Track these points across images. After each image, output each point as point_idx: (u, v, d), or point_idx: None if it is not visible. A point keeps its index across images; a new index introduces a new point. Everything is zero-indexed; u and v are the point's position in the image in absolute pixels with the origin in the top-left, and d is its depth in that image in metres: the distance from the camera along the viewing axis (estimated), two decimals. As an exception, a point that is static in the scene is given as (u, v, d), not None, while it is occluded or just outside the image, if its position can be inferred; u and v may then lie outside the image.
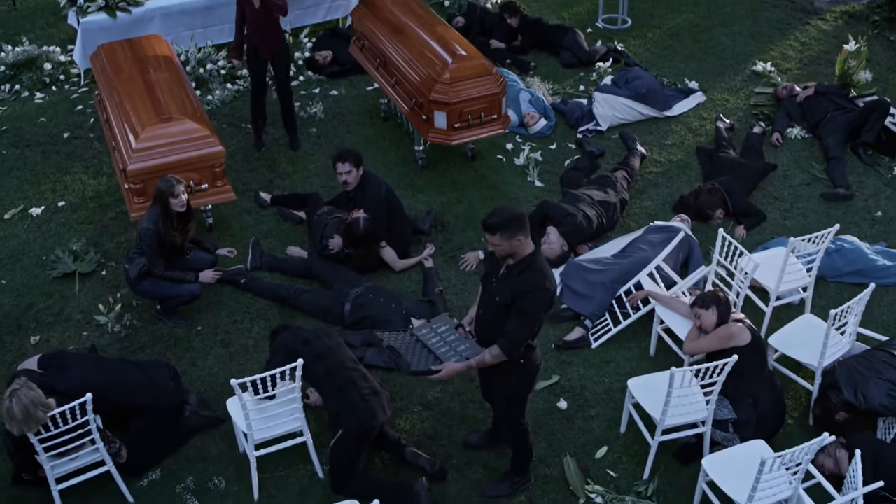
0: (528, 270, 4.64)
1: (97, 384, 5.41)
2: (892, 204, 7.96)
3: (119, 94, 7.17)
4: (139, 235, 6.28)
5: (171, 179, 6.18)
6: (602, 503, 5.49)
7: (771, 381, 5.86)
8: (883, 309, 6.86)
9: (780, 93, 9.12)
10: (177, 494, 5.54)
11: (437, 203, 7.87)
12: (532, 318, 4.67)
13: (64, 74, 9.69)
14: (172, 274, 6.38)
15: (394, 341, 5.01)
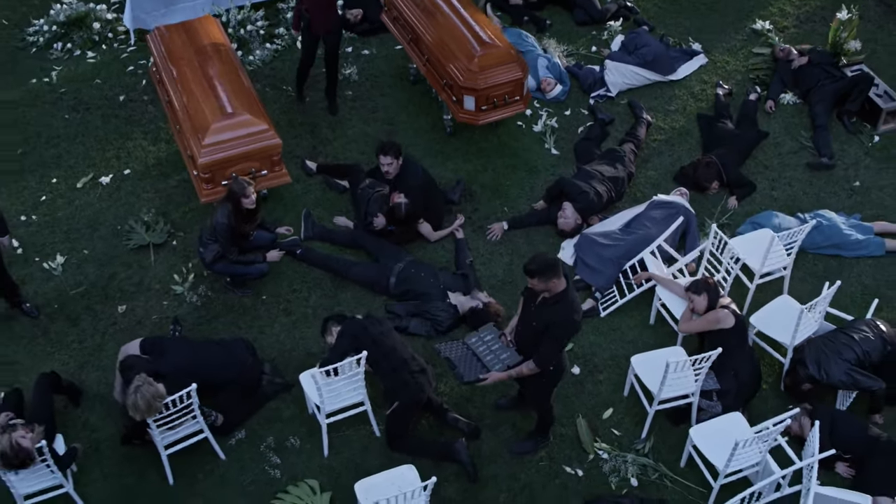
0: (561, 304, 5.69)
1: (192, 367, 6.56)
2: (870, 173, 8.91)
3: (182, 85, 7.96)
4: (214, 228, 7.27)
5: (243, 182, 7.12)
6: (608, 459, 6.73)
7: (750, 355, 7.00)
8: (853, 280, 7.93)
9: (778, 54, 9.87)
10: (261, 452, 6.76)
11: (464, 171, 8.80)
12: (561, 342, 5.77)
13: (112, 32, 10.35)
14: (244, 258, 7.41)
15: (450, 353, 6.12)
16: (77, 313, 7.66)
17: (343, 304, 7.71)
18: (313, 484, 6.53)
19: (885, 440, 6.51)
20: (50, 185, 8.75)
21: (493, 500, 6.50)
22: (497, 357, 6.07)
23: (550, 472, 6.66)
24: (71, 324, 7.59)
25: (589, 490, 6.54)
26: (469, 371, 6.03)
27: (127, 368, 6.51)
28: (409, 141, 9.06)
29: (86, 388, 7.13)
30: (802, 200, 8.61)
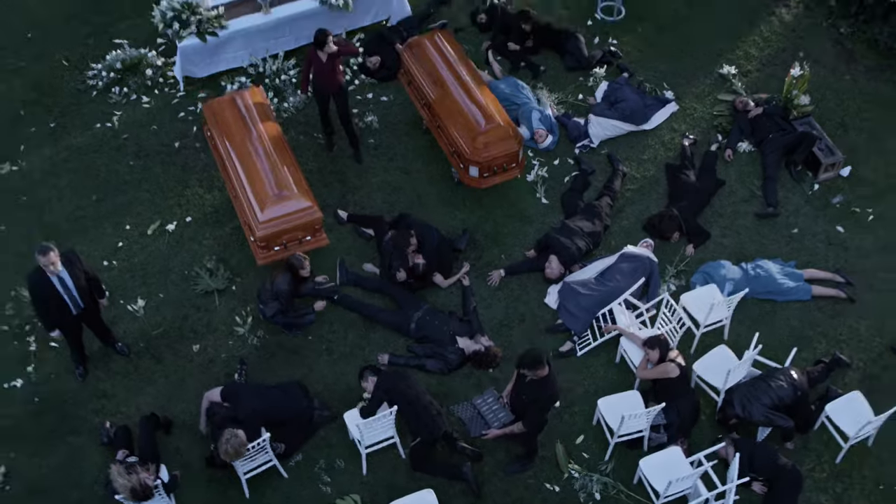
0: (544, 385, 7.88)
1: (262, 411, 8.78)
2: (808, 221, 10.94)
3: (239, 161, 9.89)
4: (276, 293, 9.38)
5: (301, 258, 9.21)
6: (578, 478, 9.05)
7: (692, 396, 9.23)
8: (782, 322, 10.09)
9: (738, 105, 11.74)
10: (315, 472, 9.07)
11: (469, 222, 10.82)
12: (544, 413, 7.99)
13: (163, 77, 12.14)
14: (298, 313, 9.56)
15: (462, 413, 8.35)
16: (160, 351, 9.84)
17: (373, 343, 9.88)
18: (356, 498, 8.85)
19: (789, 467, 8.79)
20: (124, 231, 10.78)
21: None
22: (496, 416, 8.30)
23: (535, 488, 8.98)
24: (156, 361, 9.78)
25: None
26: (475, 428, 8.27)
27: (213, 415, 8.75)
28: (422, 189, 11.06)
29: (174, 417, 9.37)
30: (748, 247, 10.68)
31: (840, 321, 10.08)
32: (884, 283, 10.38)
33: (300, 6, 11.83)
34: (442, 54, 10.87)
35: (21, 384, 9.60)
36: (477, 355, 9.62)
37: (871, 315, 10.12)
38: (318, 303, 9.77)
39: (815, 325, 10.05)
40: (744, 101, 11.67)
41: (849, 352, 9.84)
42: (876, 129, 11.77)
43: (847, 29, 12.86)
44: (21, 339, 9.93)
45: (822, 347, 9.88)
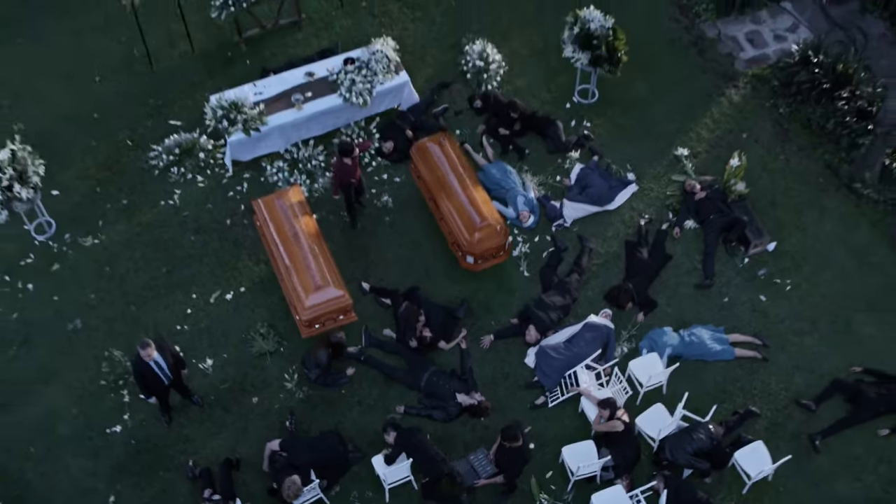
0: (518, 453, 11.21)
1: (311, 458, 12.12)
2: (738, 291, 14.11)
3: (286, 253, 12.99)
4: (318, 363, 12.62)
5: (340, 337, 12.42)
6: (547, 502, 12.46)
7: (634, 443, 12.57)
8: (709, 379, 13.36)
9: (687, 187, 14.78)
10: (350, 501, 12.45)
11: (466, 293, 13.99)
12: (518, 471, 11.34)
13: (213, 159, 15.13)
14: (335, 377, 12.84)
15: (459, 468, 11.67)
16: (228, 403, 13.12)
17: (392, 396, 13.14)
18: None
19: (704, 500, 12.16)
20: (191, 299, 13.94)
21: (482, 530, 12.29)
22: (484, 469, 11.67)
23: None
24: (224, 411, 13.07)
25: None
26: (469, 478, 11.64)
27: (275, 462, 12.10)
28: (430, 264, 14.18)
29: (241, 456, 12.72)
30: (687, 314, 13.88)
31: (756, 378, 13.35)
32: (793, 345, 13.60)
33: (326, 103, 14.74)
34: (447, 158, 13.88)
35: (120, 429, 12.89)
36: (472, 408, 12.92)
37: (781, 372, 13.38)
38: (350, 369, 13.04)
39: (736, 381, 13.32)
40: (692, 185, 14.71)
41: (760, 404, 13.12)
42: (800, 205, 14.85)
43: (785, 109, 15.80)
44: (116, 392, 13.17)
45: (740, 400, 13.16)
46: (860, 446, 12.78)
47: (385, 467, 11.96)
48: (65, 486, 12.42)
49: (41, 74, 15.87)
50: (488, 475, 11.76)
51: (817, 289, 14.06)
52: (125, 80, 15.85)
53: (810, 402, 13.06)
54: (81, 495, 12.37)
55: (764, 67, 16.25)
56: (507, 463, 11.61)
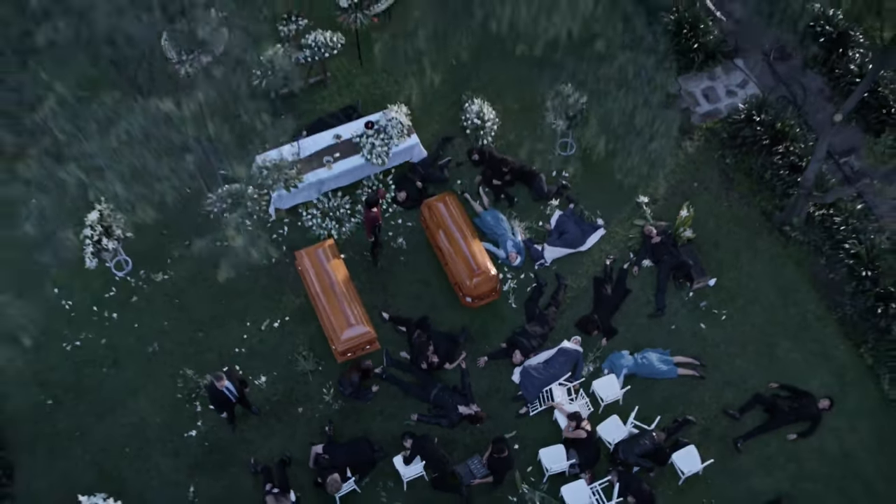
0: (505, 461, 15.37)
1: (347, 459, 16.33)
2: (683, 320, 18.13)
3: (324, 295, 16.99)
4: (351, 383, 16.67)
5: (369, 364, 16.49)
6: (527, 493, 16.71)
7: (595, 446, 16.75)
8: (656, 394, 17.46)
9: (645, 231, 18.67)
10: (376, 490, 16.67)
11: (466, 321, 18.00)
12: (504, 476, 15.54)
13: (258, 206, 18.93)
14: (364, 394, 16.96)
15: (459, 469, 15.83)
16: (279, 412, 17.23)
17: (408, 407, 17.18)
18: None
19: (647, 490, 16.38)
20: (245, 327, 17.95)
21: (477, 514, 16.53)
22: (479, 471, 15.85)
23: (501, 499, 16.64)
24: (276, 419, 17.19)
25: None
26: (466, 478, 15.84)
27: (319, 462, 16.29)
28: (437, 299, 18.10)
29: (291, 455, 16.89)
30: (640, 339, 17.91)
31: (694, 393, 17.43)
32: (725, 365, 17.62)
33: (351, 162, 18.49)
34: (451, 215, 17.72)
35: (195, 434, 16.99)
36: (470, 416, 17.00)
37: (714, 387, 17.45)
38: (375, 387, 17.13)
39: (677, 395, 17.41)
40: (649, 230, 18.59)
41: (696, 413, 17.22)
42: (738, 247, 18.74)
43: (731, 159, 19.59)
44: (190, 403, 17.24)
45: (680, 410, 17.25)
46: (774, 448, 16.90)
47: (404, 466, 16.13)
48: (154, 481, 16.53)
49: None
50: (482, 476, 15.94)
51: (748, 319, 18.05)
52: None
53: (735, 412, 17.16)
54: (167, 487, 16.47)
55: (715, 121, 19.96)
56: (496, 467, 15.77)
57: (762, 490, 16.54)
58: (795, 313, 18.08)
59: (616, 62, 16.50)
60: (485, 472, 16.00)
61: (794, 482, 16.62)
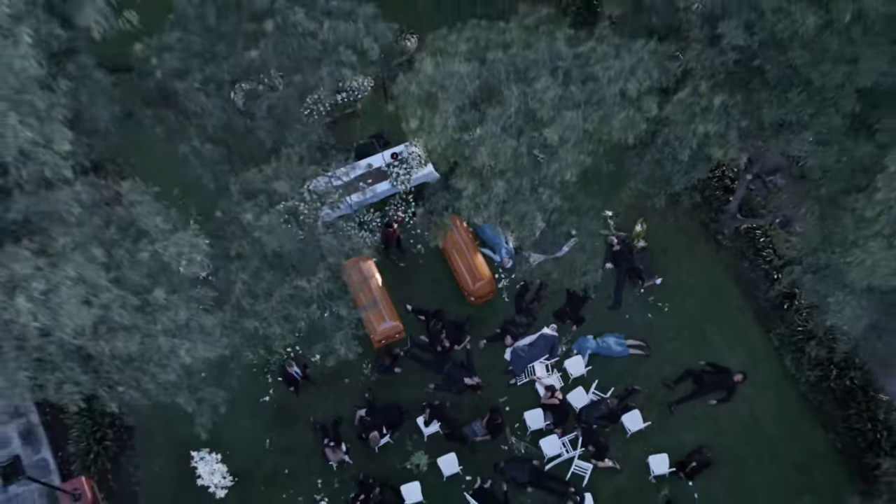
0: (500, 425, 22.30)
1: (383, 420, 23.23)
2: (635, 311, 24.77)
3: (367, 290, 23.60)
4: (385, 363, 23.45)
5: (399, 352, 23.24)
6: (515, 443, 23.67)
7: (566, 411, 23.57)
8: (612, 370, 24.24)
9: (609, 240, 25.17)
10: (405, 443, 23.53)
11: (470, 311, 24.65)
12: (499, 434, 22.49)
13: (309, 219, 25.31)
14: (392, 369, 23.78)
15: (466, 430, 22.66)
16: (331, 383, 23.97)
17: (427, 378, 23.91)
18: (423, 455, 23.48)
19: (604, 441, 23.36)
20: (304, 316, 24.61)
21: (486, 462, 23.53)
22: (481, 431, 22.80)
23: (496, 446, 23.64)
24: (329, 388, 23.97)
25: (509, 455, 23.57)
26: (470, 436, 22.70)
27: (362, 422, 23.22)
28: (447, 294, 24.67)
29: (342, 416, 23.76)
30: (603, 325, 24.58)
31: (641, 368, 24.18)
32: (665, 346, 24.34)
33: (381, 187, 24.72)
34: (458, 231, 24.16)
35: (268, 399, 23.82)
36: (473, 386, 23.84)
37: (657, 364, 24.20)
38: (398, 369, 23.91)
39: (628, 370, 24.19)
40: (612, 239, 25.07)
41: (642, 383, 24.07)
42: (680, 252, 25.20)
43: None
44: (263, 376, 24.01)
45: (630, 381, 24.05)
46: (699, 411, 23.63)
47: (424, 426, 23.03)
48: (239, 437, 23.37)
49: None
50: (482, 434, 22.82)
51: (684, 309, 24.67)
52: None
53: (671, 383, 23.92)
54: (250, 440, 23.35)
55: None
56: (492, 429, 22.62)
57: (688, 442, 23.39)
58: (721, 305, 24.68)
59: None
60: (484, 432, 22.86)
61: (713, 437, 23.46)
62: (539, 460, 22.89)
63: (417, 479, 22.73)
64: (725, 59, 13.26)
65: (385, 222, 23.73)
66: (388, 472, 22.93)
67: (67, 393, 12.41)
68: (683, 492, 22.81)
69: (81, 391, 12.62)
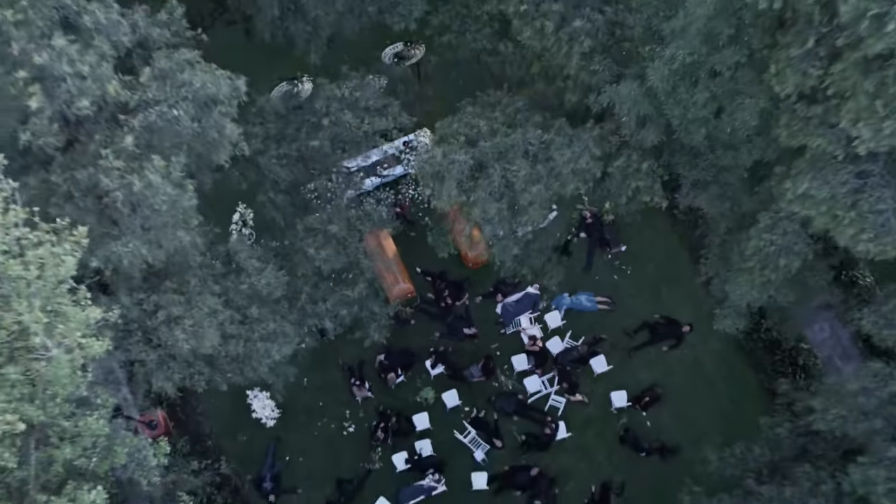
0: (493, 368, 29.52)
1: (398, 363, 30.25)
2: (603, 273, 31.34)
3: (381, 264, 30.42)
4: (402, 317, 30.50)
5: (409, 313, 30.24)
6: (504, 381, 30.87)
7: (546, 355, 30.55)
8: (583, 322, 31.06)
9: (583, 213, 31.83)
10: (415, 381, 30.83)
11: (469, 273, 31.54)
12: (493, 376, 29.72)
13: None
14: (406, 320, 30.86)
15: (465, 372, 29.71)
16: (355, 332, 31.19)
17: (433, 328, 30.77)
18: (431, 391, 30.63)
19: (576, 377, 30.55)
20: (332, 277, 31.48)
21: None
22: (477, 374, 29.90)
23: (488, 386, 30.91)
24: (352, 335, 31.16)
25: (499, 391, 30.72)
26: (469, 377, 29.90)
27: (381, 364, 30.34)
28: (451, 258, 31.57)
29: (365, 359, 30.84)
30: (578, 284, 31.23)
31: (607, 320, 30.92)
32: (627, 302, 31.16)
33: (396, 169, 31.21)
34: (458, 211, 30.81)
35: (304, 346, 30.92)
36: (470, 335, 30.88)
37: (620, 317, 31.04)
38: (412, 321, 30.91)
39: (596, 322, 31.10)
40: (585, 213, 31.72)
41: (607, 332, 31.07)
42: (643, 225, 31.52)
43: (644, 160, 32.42)
44: (300, 325, 31.00)
45: (597, 329, 31.00)
46: (653, 356, 30.45)
47: (431, 368, 30.19)
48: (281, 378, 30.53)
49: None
50: (479, 377, 29.91)
51: (644, 272, 31.34)
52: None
53: (631, 332, 30.89)
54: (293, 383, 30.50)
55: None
56: (487, 372, 29.72)
57: (643, 381, 30.35)
58: (675, 269, 31.42)
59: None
60: (480, 374, 29.94)
61: (664, 377, 30.35)
62: (523, 395, 29.87)
63: (426, 409, 29.79)
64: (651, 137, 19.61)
65: (396, 202, 30.31)
66: (402, 405, 29.92)
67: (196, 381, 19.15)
68: (638, 421, 29.86)
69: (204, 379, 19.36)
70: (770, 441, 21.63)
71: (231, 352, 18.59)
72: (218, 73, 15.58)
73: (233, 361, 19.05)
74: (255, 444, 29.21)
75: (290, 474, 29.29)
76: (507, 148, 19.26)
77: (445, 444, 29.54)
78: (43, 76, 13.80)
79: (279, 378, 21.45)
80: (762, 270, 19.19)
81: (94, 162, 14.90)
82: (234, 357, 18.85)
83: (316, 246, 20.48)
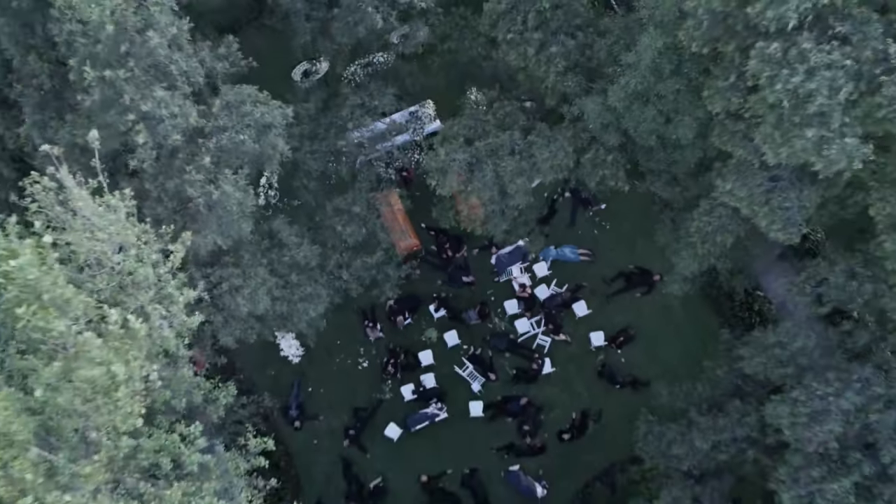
0: (488, 312, 35.41)
1: (406, 307, 36.05)
2: (585, 229, 36.59)
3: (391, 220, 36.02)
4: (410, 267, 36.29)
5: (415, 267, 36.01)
6: (499, 322, 36.78)
7: (534, 300, 36.34)
8: (567, 271, 36.77)
9: (569, 176, 37.38)
10: (420, 323, 36.59)
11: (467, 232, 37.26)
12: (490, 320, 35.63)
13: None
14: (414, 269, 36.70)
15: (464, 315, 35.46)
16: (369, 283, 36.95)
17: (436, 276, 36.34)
18: (434, 331, 36.55)
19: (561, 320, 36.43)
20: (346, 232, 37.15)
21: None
22: (474, 317, 35.86)
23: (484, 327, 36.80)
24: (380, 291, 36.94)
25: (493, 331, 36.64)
26: (467, 320, 35.87)
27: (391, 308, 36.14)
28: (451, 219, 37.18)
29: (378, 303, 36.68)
30: (562, 238, 36.62)
31: (587, 270, 36.26)
32: (605, 255, 36.67)
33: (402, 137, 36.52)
34: (458, 175, 36.34)
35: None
36: (468, 283, 36.55)
37: (599, 267, 36.51)
38: (418, 270, 36.63)
39: (578, 272, 36.72)
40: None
41: (588, 280, 36.75)
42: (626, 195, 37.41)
43: (623, 127, 37.86)
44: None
45: (579, 278, 36.64)
46: (627, 301, 36.04)
47: (434, 312, 35.97)
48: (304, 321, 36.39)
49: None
50: (475, 320, 35.57)
51: (620, 227, 36.70)
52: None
53: (608, 280, 36.48)
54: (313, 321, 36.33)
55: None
56: (482, 316, 35.39)
57: (619, 323, 36.06)
58: (648, 224, 36.80)
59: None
60: (477, 317, 35.71)
61: (637, 320, 35.93)
62: (514, 335, 35.74)
63: (430, 347, 35.73)
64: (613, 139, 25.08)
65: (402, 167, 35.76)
66: (409, 343, 35.68)
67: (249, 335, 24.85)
68: (614, 358, 35.77)
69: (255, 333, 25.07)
70: (711, 380, 27.45)
71: (277, 311, 24.24)
72: (272, 104, 20.95)
73: (278, 318, 24.70)
74: (282, 379, 35.00)
75: (312, 404, 35.14)
76: (498, 147, 24.68)
77: (447, 377, 35.33)
78: (146, 117, 19.17)
79: (312, 329, 27.13)
80: (703, 244, 24.78)
81: (179, 175, 20.35)
82: (279, 315, 24.50)
83: (342, 223, 25.99)
